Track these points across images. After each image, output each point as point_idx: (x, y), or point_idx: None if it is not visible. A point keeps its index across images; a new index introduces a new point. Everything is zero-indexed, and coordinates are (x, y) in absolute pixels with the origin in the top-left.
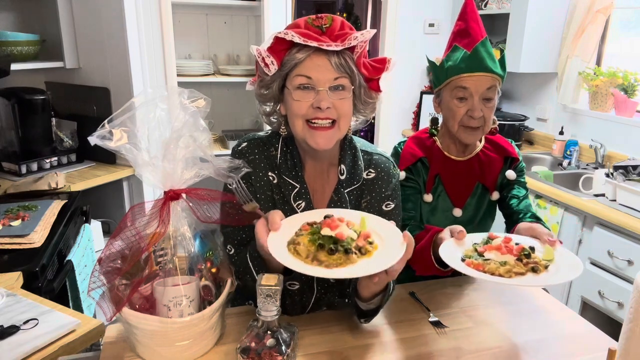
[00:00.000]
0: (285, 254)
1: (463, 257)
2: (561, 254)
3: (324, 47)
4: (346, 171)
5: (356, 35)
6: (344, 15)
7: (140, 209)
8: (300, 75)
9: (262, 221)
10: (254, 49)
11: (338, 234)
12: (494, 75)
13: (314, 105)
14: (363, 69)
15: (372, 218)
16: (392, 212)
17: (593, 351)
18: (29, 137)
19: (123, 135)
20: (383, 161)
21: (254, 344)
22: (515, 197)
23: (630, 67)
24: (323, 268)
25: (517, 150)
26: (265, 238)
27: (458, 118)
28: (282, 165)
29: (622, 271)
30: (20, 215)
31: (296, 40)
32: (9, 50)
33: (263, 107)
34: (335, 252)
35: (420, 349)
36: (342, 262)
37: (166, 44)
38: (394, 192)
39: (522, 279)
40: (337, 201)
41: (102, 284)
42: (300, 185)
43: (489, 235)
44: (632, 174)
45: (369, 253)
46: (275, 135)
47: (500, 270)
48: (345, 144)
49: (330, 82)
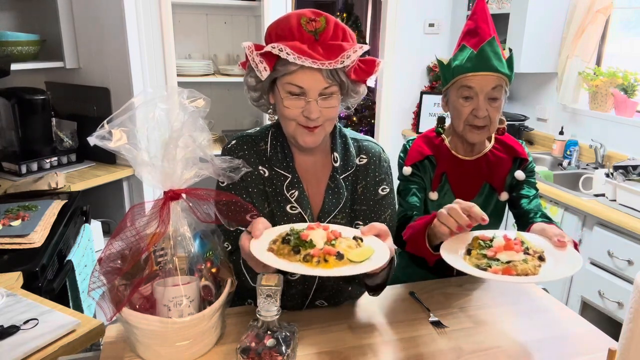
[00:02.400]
0: (265, 255)
1: (470, 249)
2: (565, 254)
3: (317, 65)
4: (339, 158)
5: (349, 54)
6: (344, 15)
7: (140, 209)
8: (292, 84)
9: (245, 236)
10: (246, 45)
11: (303, 234)
12: (499, 74)
13: (304, 114)
14: (353, 75)
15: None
16: (388, 196)
17: (593, 351)
18: (29, 137)
19: (123, 136)
20: (372, 146)
21: (254, 344)
22: (525, 197)
23: (630, 67)
24: (301, 265)
25: (527, 150)
26: (247, 244)
27: (463, 117)
28: (272, 157)
29: (622, 271)
30: (20, 215)
31: (290, 59)
32: (9, 50)
33: (251, 93)
34: (298, 251)
35: (420, 349)
36: (324, 263)
37: (166, 44)
38: (387, 176)
39: (533, 277)
40: (334, 187)
41: (102, 284)
42: (292, 175)
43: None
44: (632, 174)
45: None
46: (264, 130)
47: (530, 267)
48: (335, 133)
49: (321, 90)
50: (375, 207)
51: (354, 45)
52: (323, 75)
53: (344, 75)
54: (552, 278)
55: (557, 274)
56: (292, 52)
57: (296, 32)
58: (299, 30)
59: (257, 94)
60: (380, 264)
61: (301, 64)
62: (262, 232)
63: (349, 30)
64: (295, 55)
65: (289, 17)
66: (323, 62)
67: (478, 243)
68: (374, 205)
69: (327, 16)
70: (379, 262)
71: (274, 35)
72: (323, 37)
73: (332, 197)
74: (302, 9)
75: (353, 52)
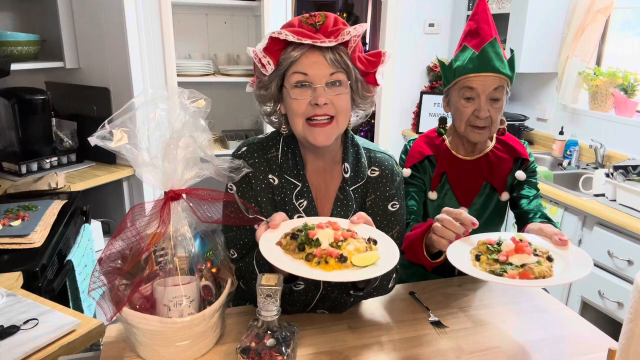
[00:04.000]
0: (272, 248)
1: (478, 254)
2: (571, 252)
3: (318, 43)
4: (350, 169)
5: (349, 30)
6: (344, 15)
7: (140, 209)
8: (297, 73)
9: (263, 225)
10: (251, 50)
11: (311, 232)
12: (501, 75)
13: (312, 102)
14: (359, 64)
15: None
16: (397, 212)
17: (593, 351)
18: (29, 137)
19: (123, 136)
20: (386, 159)
21: (254, 344)
22: (525, 197)
23: (630, 67)
24: (304, 265)
25: (529, 150)
26: (261, 234)
27: (465, 118)
28: (283, 164)
29: (622, 271)
30: (20, 215)
31: (290, 39)
32: (9, 50)
33: (263, 107)
34: (303, 248)
35: (420, 349)
36: (330, 265)
37: (166, 44)
38: (398, 191)
39: (541, 280)
40: (343, 199)
41: (102, 284)
42: (302, 183)
43: (486, 241)
44: (632, 174)
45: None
46: (275, 136)
47: (545, 269)
48: (347, 142)
49: (327, 78)
50: (384, 223)
51: None
52: (327, 60)
53: (349, 60)
54: (573, 279)
55: (576, 274)
56: (292, 34)
57: (297, 26)
58: (300, 25)
59: (269, 108)
60: (382, 272)
61: (299, 41)
62: (279, 223)
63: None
64: (295, 36)
65: (291, 20)
66: (323, 41)
67: (486, 247)
68: (382, 220)
69: (326, 13)
70: (381, 270)
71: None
72: (323, 28)
73: (341, 209)
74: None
75: (353, 29)
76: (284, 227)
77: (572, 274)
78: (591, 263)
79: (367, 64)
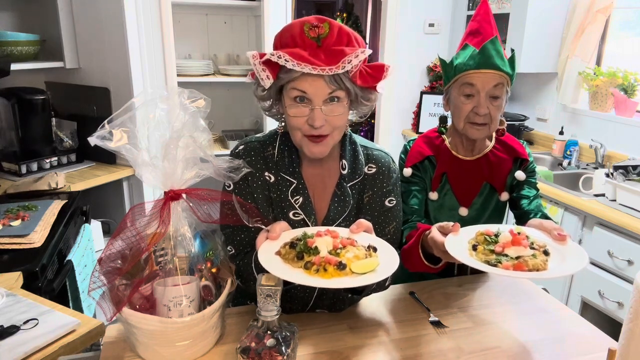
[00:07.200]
0: (272, 258)
1: (475, 244)
2: (569, 247)
3: (317, 72)
4: (347, 165)
5: (350, 58)
6: (344, 15)
7: (140, 209)
8: (296, 89)
9: (263, 234)
10: (250, 55)
11: (310, 240)
12: (501, 73)
13: (309, 122)
14: (359, 80)
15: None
16: (394, 208)
17: (593, 351)
18: (29, 137)
19: (123, 136)
20: (383, 156)
21: (254, 344)
22: (525, 198)
23: (630, 67)
24: (303, 273)
25: (529, 151)
26: (261, 244)
27: (464, 115)
28: (279, 162)
29: (622, 271)
30: (20, 215)
31: (289, 66)
32: (9, 50)
33: (262, 103)
34: (302, 257)
35: (420, 349)
36: (327, 272)
37: (166, 44)
38: (395, 188)
39: (539, 273)
40: (340, 195)
41: (102, 284)
42: (298, 181)
43: (485, 232)
44: (632, 174)
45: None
46: (272, 134)
47: (540, 262)
48: (345, 139)
49: (325, 96)
50: (380, 219)
51: (356, 49)
52: (326, 81)
53: (349, 81)
54: (564, 273)
55: (568, 268)
56: (291, 59)
57: (298, 39)
58: (301, 37)
59: (267, 104)
60: (382, 278)
61: (300, 70)
62: (279, 234)
63: (355, 34)
64: (294, 62)
65: (293, 25)
66: (323, 68)
67: (484, 238)
68: (379, 216)
69: (330, 22)
70: (381, 276)
71: (279, 44)
72: (326, 43)
73: (338, 205)
74: (307, 17)
75: (354, 57)
76: (284, 237)
77: (565, 268)
78: (586, 259)
79: (367, 79)
